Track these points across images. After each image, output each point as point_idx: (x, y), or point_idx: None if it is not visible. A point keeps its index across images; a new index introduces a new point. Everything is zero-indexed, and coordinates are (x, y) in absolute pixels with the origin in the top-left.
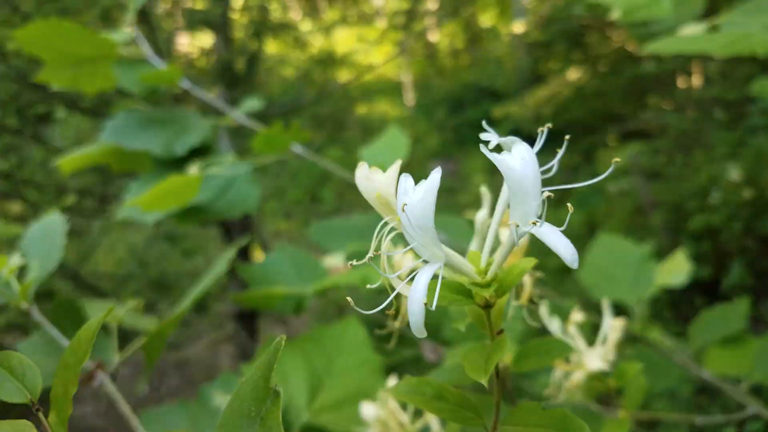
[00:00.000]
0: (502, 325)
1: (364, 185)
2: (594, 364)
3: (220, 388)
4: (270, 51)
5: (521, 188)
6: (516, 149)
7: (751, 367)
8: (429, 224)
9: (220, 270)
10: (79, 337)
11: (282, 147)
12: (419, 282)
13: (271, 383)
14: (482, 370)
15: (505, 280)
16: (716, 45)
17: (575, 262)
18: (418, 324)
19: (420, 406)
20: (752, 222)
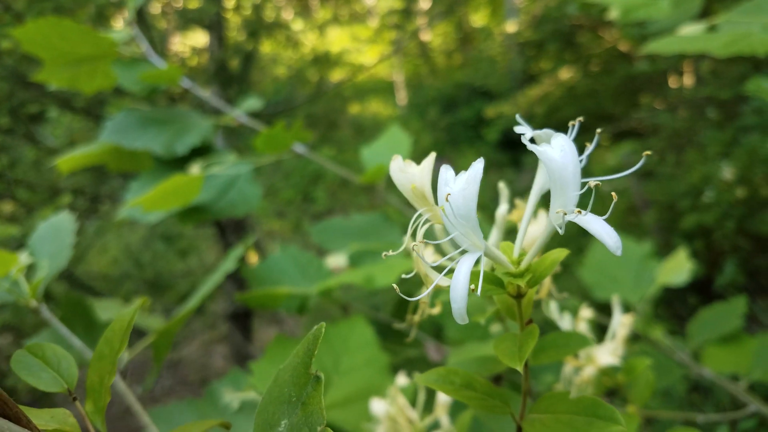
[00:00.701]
0: (530, 314)
1: (399, 178)
2: (605, 359)
3: (228, 386)
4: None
5: (562, 178)
6: (555, 140)
7: (749, 365)
8: (471, 214)
9: (228, 268)
10: (113, 328)
11: (284, 146)
12: (462, 269)
13: (312, 369)
14: (516, 357)
15: (537, 270)
16: (716, 44)
17: (619, 249)
18: (461, 310)
19: (449, 394)
20: (745, 221)
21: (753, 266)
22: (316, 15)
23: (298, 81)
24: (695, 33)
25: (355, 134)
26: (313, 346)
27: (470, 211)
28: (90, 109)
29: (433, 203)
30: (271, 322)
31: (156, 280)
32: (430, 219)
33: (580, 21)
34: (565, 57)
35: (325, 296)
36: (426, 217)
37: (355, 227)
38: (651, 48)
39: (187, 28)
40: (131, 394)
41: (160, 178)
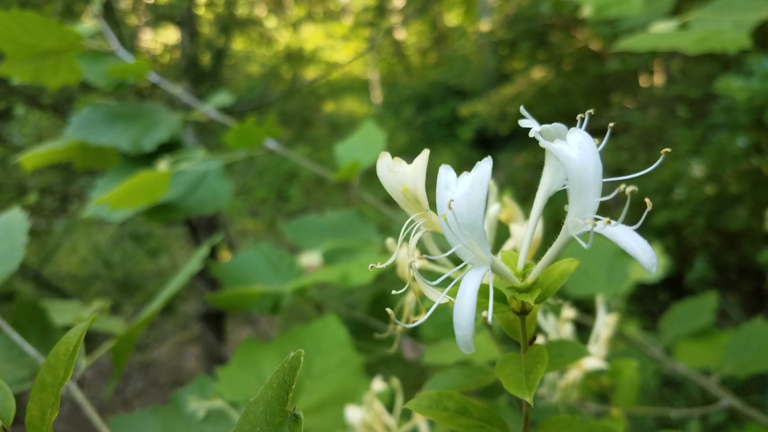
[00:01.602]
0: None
1: (388, 178)
2: (591, 363)
3: (194, 393)
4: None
5: (581, 180)
6: (572, 136)
7: (721, 360)
8: (477, 223)
9: (193, 269)
10: (57, 353)
11: (255, 142)
12: (467, 291)
13: (288, 405)
14: (524, 386)
15: (545, 283)
16: (688, 41)
17: (654, 266)
18: (467, 338)
19: (443, 422)
20: (714, 217)
21: (722, 262)
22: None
23: (271, 78)
24: (667, 30)
25: (330, 132)
26: (289, 377)
27: (476, 220)
28: (57, 106)
29: (428, 208)
30: (244, 323)
31: (126, 280)
32: (424, 226)
33: (552, 20)
34: (537, 56)
35: (299, 295)
36: (419, 224)
37: (330, 225)
38: (623, 45)
39: (159, 24)
40: (89, 405)
41: (128, 175)
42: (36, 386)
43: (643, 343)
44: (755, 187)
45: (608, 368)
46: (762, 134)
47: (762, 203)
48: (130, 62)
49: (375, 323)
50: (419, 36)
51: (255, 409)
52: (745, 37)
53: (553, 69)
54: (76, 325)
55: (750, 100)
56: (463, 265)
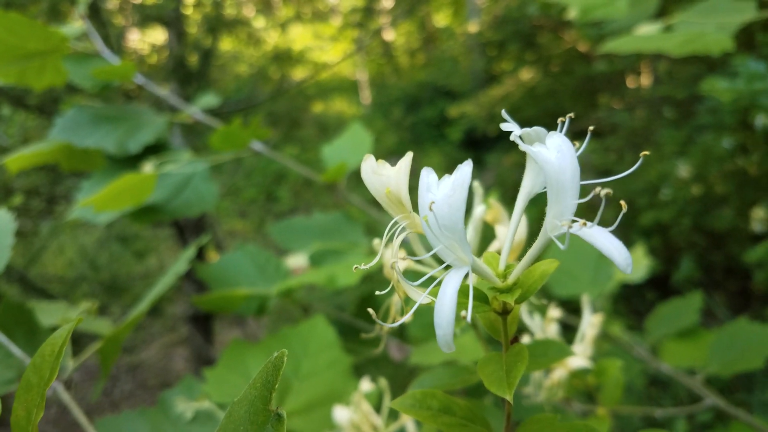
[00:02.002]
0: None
1: (372, 180)
2: (576, 362)
3: (181, 394)
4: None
5: (559, 183)
6: (551, 140)
7: (706, 359)
8: (458, 225)
9: (180, 270)
10: (42, 353)
11: (241, 144)
12: (448, 291)
13: (272, 405)
14: (504, 384)
15: (526, 283)
16: (672, 44)
17: (629, 267)
18: (447, 338)
19: (426, 421)
20: (701, 217)
21: (708, 262)
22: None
23: (260, 79)
24: (651, 33)
25: (319, 133)
26: (272, 377)
27: (457, 222)
28: (44, 107)
29: (411, 209)
30: (232, 324)
31: (112, 281)
32: (408, 227)
33: (540, 22)
34: (525, 57)
35: (286, 297)
36: (403, 225)
37: (317, 226)
38: (609, 47)
39: (146, 25)
40: (76, 407)
41: (113, 177)
42: (21, 387)
43: (629, 342)
44: (740, 188)
45: (593, 368)
46: (747, 135)
47: (747, 203)
48: (116, 64)
49: (363, 324)
50: (408, 37)
51: (239, 408)
52: (728, 39)
53: (541, 70)
54: (62, 327)
55: (735, 101)
56: (447, 264)
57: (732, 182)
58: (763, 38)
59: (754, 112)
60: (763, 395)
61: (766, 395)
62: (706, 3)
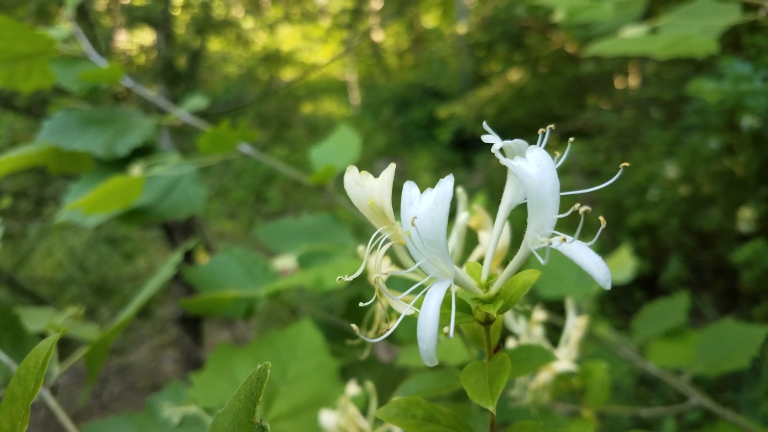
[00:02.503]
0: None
1: (355, 192)
2: (562, 365)
3: (168, 399)
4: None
5: (539, 197)
6: (531, 154)
7: (692, 359)
8: (440, 239)
9: (166, 274)
10: (27, 365)
11: (229, 146)
12: (430, 305)
13: (255, 417)
14: (487, 394)
15: (508, 294)
16: (657, 46)
17: (608, 282)
18: (430, 351)
19: (411, 430)
20: (688, 218)
21: (696, 262)
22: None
23: (249, 79)
24: (637, 35)
25: (309, 134)
26: (256, 389)
27: (439, 236)
28: (32, 109)
29: (394, 221)
30: (222, 326)
31: (101, 284)
32: (391, 238)
33: (528, 23)
34: (514, 58)
35: (274, 299)
36: (386, 237)
37: (305, 228)
38: (594, 50)
39: (134, 26)
40: (62, 412)
41: (101, 180)
42: (6, 398)
43: (616, 343)
44: (727, 188)
45: (579, 370)
46: (734, 136)
47: (734, 204)
48: (104, 66)
49: (351, 326)
50: (397, 38)
51: (223, 420)
52: (712, 42)
53: (530, 71)
54: (47, 338)
55: (721, 102)
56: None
57: (719, 183)
58: (749, 40)
59: (740, 113)
60: (751, 394)
61: (753, 394)
62: (691, 6)
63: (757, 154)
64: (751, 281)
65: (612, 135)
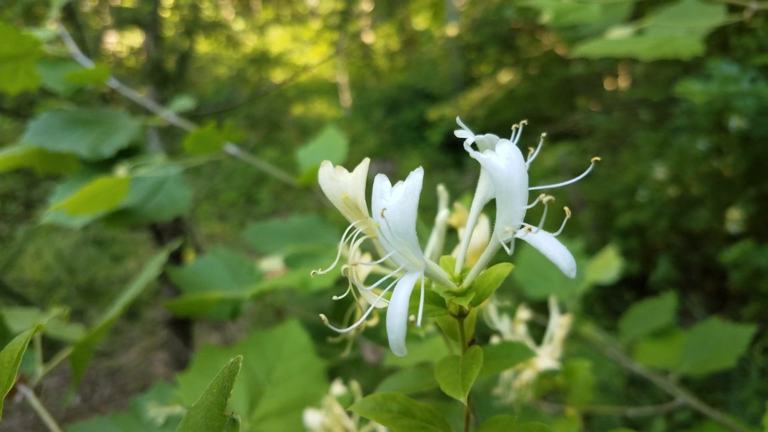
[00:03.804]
0: (473, 333)
1: (329, 186)
2: (544, 363)
3: (154, 399)
4: (202, 50)
5: (508, 190)
6: (500, 148)
7: (679, 359)
8: (410, 230)
9: (151, 275)
10: (1, 359)
11: (214, 147)
12: (399, 296)
13: (227, 410)
14: (459, 387)
15: (481, 287)
16: (643, 47)
17: (573, 271)
18: (399, 341)
19: (386, 424)
20: (677, 219)
21: (685, 262)
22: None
23: (239, 81)
24: (623, 36)
25: (300, 135)
26: (228, 383)
27: (409, 228)
28: (20, 110)
29: (367, 215)
30: (212, 328)
31: (90, 286)
32: (365, 232)
33: (518, 24)
34: (504, 60)
35: (259, 300)
36: (360, 231)
37: (292, 229)
38: (581, 51)
39: (124, 28)
40: (45, 413)
41: (87, 181)
42: None
43: (602, 342)
44: (716, 189)
45: (562, 369)
46: (722, 137)
47: (722, 205)
48: (90, 67)
49: (338, 327)
50: (387, 39)
51: (195, 414)
52: (697, 43)
53: (520, 73)
54: (21, 334)
55: (709, 103)
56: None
57: (707, 184)
58: (736, 41)
59: (728, 114)
60: (740, 394)
61: (742, 394)
62: (677, 7)
63: (745, 155)
64: (740, 281)
65: (601, 136)
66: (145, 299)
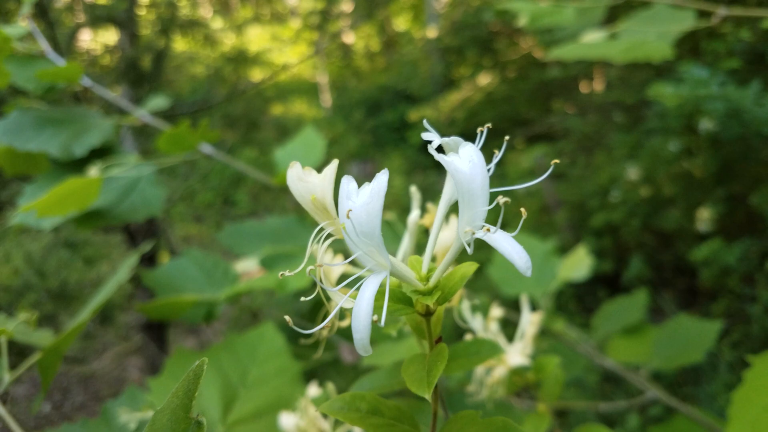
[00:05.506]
0: (440, 332)
1: (297, 187)
2: (515, 359)
3: (125, 404)
4: (179, 48)
5: (470, 191)
6: (463, 150)
7: (650, 355)
8: (375, 231)
9: (121, 279)
10: None
11: (189, 147)
12: (365, 296)
13: (192, 413)
14: (424, 384)
15: (447, 286)
16: (615, 51)
17: (528, 270)
18: (364, 341)
19: (355, 423)
20: (649, 218)
21: (657, 261)
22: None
23: (216, 80)
24: (596, 40)
25: (279, 135)
26: (193, 385)
27: (374, 229)
28: None
29: (336, 216)
30: (188, 332)
31: (62, 290)
32: (334, 233)
33: (497, 28)
34: (483, 63)
35: (234, 302)
36: (329, 231)
37: (269, 230)
38: (555, 54)
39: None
40: (12, 421)
41: (58, 182)
42: None
43: (575, 339)
44: (687, 190)
45: (532, 365)
46: (692, 139)
47: (693, 204)
48: (61, 66)
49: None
50: (368, 40)
51: (161, 417)
52: (667, 47)
53: (498, 75)
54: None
55: (680, 106)
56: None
57: (679, 184)
58: (707, 46)
59: (698, 116)
60: (710, 388)
61: (712, 388)
62: (648, 12)
63: (715, 156)
64: (709, 279)
65: (576, 138)
66: (118, 303)
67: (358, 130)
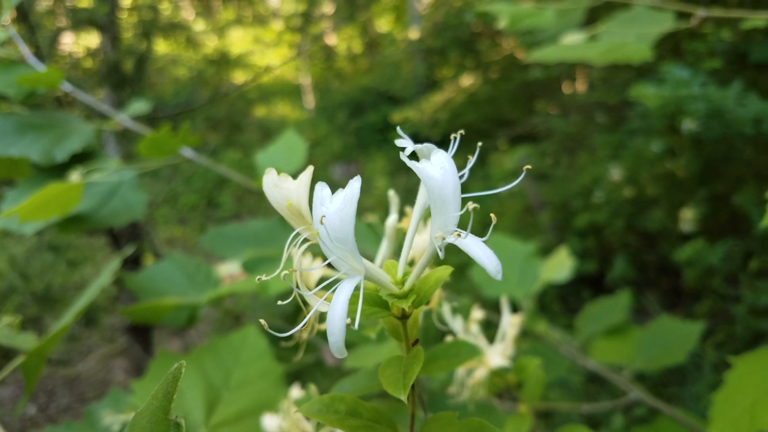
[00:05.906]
0: (417, 334)
1: (273, 193)
2: (495, 361)
3: (109, 406)
4: (161, 51)
5: (441, 197)
6: (435, 157)
7: (633, 356)
8: (349, 237)
9: (104, 282)
10: None
11: (170, 151)
12: (339, 299)
13: (171, 414)
14: (401, 385)
15: (422, 290)
16: (595, 53)
17: (499, 273)
18: (338, 344)
19: (333, 425)
20: (633, 219)
21: (641, 261)
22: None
23: (199, 82)
24: (576, 42)
25: (262, 137)
26: (172, 388)
27: (348, 234)
28: None
29: (311, 221)
30: (172, 334)
31: (46, 293)
32: (310, 238)
33: (479, 29)
34: (465, 64)
35: (217, 305)
36: (305, 236)
37: (251, 233)
38: (535, 56)
39: (80, 28)
40: None
41: (39, 187)
42: None
43: (558, 340)
44: (670, 190)
45: (513, 366)
46: (675, 139)
47: (676, 205)
48: (41, 71)
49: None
50: (350, 42)
51: (141, 419)
52: (647, 49)
53: (481, 76)
54: None
55: (662, 106)
56: None
57: (662, 184)
58: (688, 46)
59: (680, 117)
60: (694, 388)
61: (696, 388)
62: (628, 14)
63: (697, 156)
64: (693, 279)
65: (559, 139)
66: (102, 305)
67: (342, 131)
